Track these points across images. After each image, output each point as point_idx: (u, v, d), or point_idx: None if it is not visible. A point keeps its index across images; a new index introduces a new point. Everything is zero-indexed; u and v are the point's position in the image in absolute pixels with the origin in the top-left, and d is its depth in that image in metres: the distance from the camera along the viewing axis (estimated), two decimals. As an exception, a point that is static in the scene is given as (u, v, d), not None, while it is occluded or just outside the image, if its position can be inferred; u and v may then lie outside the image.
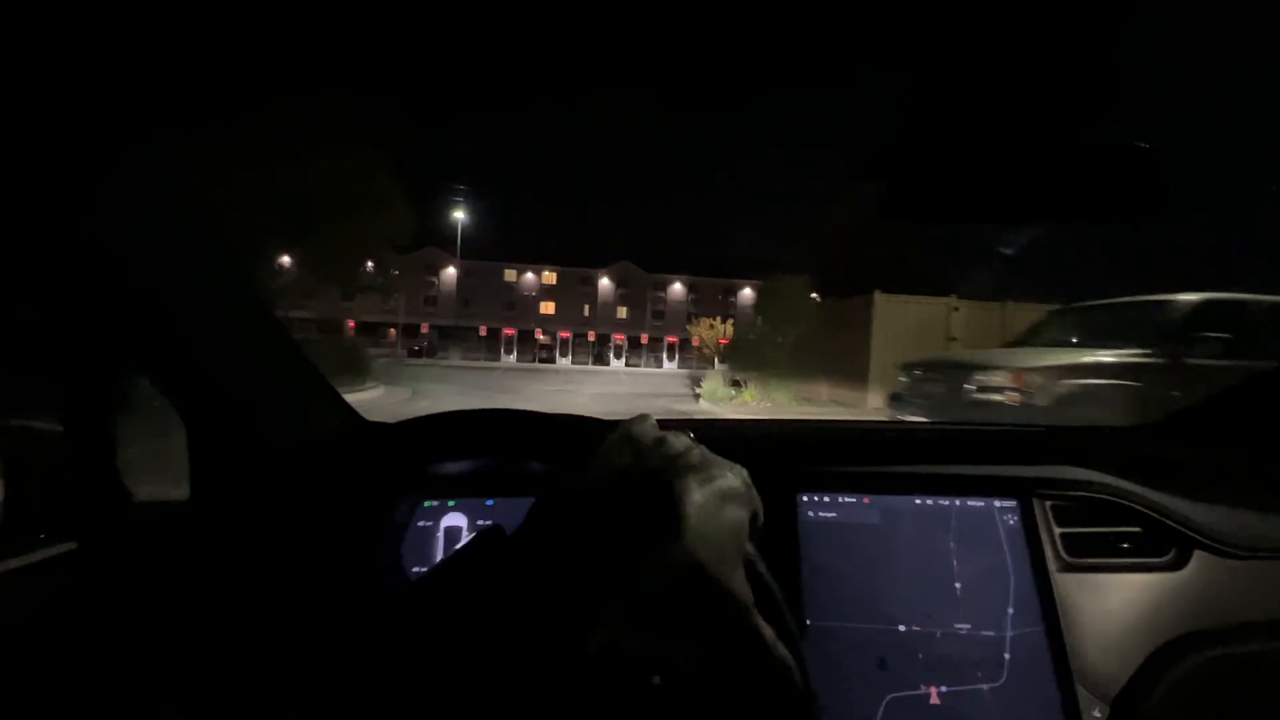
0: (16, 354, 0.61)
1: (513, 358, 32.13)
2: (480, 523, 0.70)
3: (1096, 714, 0.60)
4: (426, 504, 0.69)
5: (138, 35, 0.47)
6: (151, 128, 0.52)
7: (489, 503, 0.71)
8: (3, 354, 0.60)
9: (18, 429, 0.63)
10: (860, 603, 0.64)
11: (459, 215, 30.61)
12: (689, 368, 34.27)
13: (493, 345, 36.76)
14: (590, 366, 32.79)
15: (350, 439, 0.75)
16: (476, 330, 37.96)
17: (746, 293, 49.96)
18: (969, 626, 0.64)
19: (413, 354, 31.20)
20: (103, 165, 0.49)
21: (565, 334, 36.04)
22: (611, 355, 35.95)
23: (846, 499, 0.69)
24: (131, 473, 0.64)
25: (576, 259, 50.22)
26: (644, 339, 38.31)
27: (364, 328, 36.05)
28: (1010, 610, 0.65)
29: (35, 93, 0.42)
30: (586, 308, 48.58)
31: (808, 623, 0.63)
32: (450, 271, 47.84)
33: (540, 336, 35.63)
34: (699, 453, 0.32)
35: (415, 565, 0.68)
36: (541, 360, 34.03)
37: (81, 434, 0.61)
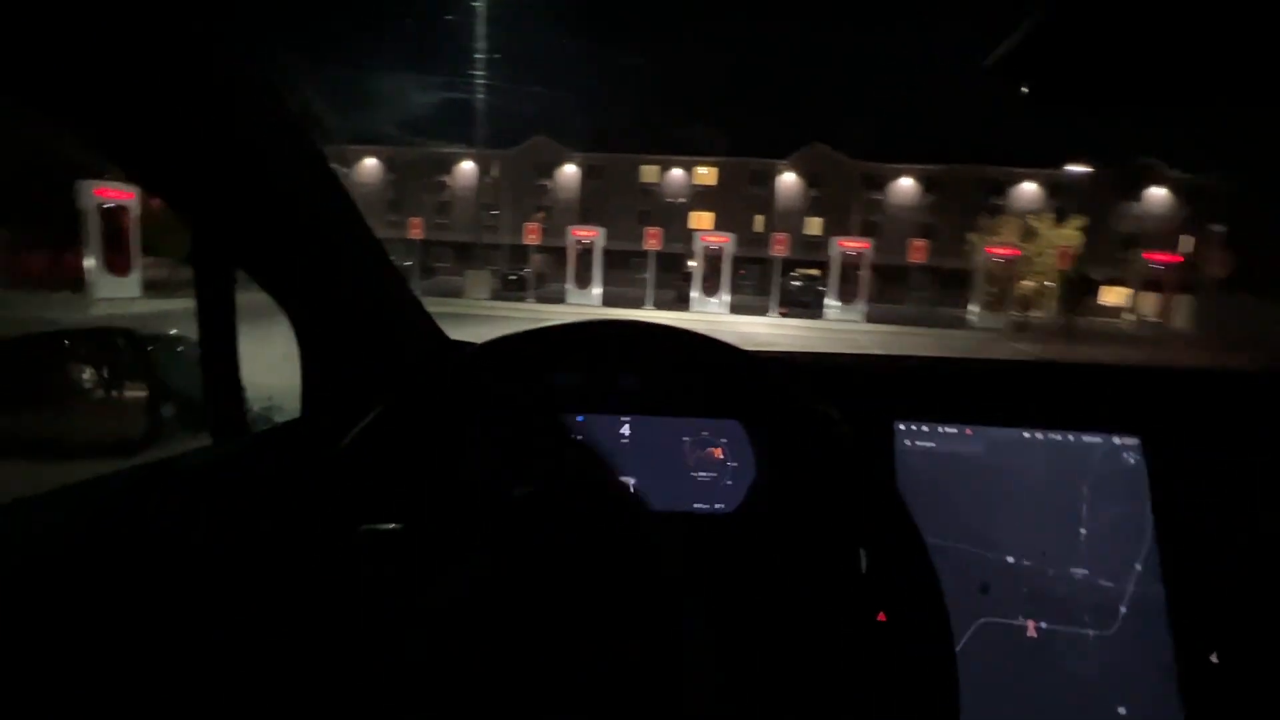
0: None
1: (596, 291, 22.96)
2: (575, 438, 1.07)
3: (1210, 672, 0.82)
4: None
5: None
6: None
7: (579, 419, 1.07)
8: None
9: (163, 337, 1.11)
10: (964, 528, 0.91)
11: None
12: (1021, 331, 22.32)
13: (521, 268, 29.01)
14: (780, 320, 22.75)
15: (445, 357, 1.15)
16: (496, 246, 34.32)
17: (1026, 188, 44.47)
18: (1086, 572, 0.88)
19: (508, 287, 27.12)
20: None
21: (713, 240, 23.55)
22: (829, 295, 23.43)
23: (946, 429, 0.96)
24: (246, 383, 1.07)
25: (745, 149, 48.19)
26: (915, 251, 27.05)
27: (428, 248, 35.16)
28: (1138, 566, 0.88)
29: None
30: (759, 220, 46.87)
31: None
32: (569, 170, 47.80)
33: (652, 244, 23.89)
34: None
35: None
36: (677, 299, 24.58)
37: (212, 342, 1.01)
